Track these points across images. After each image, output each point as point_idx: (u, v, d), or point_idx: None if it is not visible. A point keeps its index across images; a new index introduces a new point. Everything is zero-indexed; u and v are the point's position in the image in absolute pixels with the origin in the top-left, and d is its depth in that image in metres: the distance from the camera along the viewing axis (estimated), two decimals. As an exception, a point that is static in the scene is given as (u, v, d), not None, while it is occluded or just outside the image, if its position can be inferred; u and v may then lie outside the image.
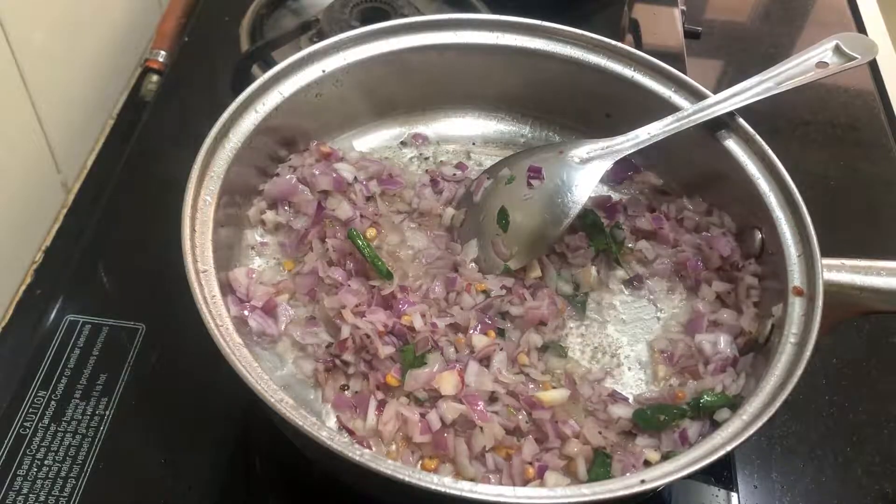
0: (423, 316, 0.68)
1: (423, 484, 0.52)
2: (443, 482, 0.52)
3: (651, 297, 0.76)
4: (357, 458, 0.52)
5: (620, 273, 0.76)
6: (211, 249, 0.64)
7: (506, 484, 0.61)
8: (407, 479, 0.52)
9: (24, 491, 0.67)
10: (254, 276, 0.70)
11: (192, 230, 0.64)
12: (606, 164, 0.73)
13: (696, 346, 0.70)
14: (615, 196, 0.81)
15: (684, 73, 0.79)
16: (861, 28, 1.22)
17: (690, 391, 0.68)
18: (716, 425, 0.64)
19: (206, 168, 0.68)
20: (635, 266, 0.77)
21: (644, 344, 0.73)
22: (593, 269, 0.74)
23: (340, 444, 0.53)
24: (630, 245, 0.77)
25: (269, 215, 0.74)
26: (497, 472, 0.62)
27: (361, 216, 0.74)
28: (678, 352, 0.71)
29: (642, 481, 0.54)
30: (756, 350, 0.68)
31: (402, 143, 0.85)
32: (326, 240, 0.72)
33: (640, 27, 1.10)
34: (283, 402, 0.55)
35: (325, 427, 0.55)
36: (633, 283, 0.76)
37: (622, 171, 0.82)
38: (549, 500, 0.53)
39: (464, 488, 0.52)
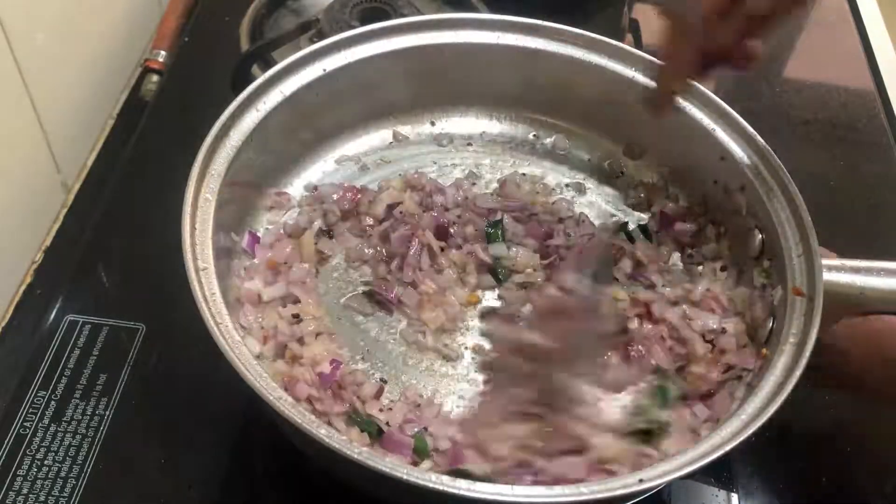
0: None
1: (420, 482, 0.52)
2: (441, 480, 0.52)
3: None
4: (355, 455, 0.52)
5: None
6: (211, 248, 0.64)
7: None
8: (405, 476, 0.52)
9: (24, 491, 0.67)
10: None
11: (193, 229, 0.64)
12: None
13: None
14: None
15: (684, 72, 0.79)
16: (861, 28, 1.21)
17: None
18: None
19: (206, 168, 0.67)
20: None
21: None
22: None
23: (339, 441, 0.53)
24: None
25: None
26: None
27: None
28: None
29: (640, 480, 0.54)
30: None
31: (400, 142, 0.85)
32: None
33: (640, 27, 1.10)
34: (283, 401, 0.55)
35: (324, 425, 0.55)
36: None
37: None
38: (548, 498, 0.53)
39: (461, 486, 0.52)
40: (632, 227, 0.80)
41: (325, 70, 0.76)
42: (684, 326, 0.71)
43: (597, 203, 0.84)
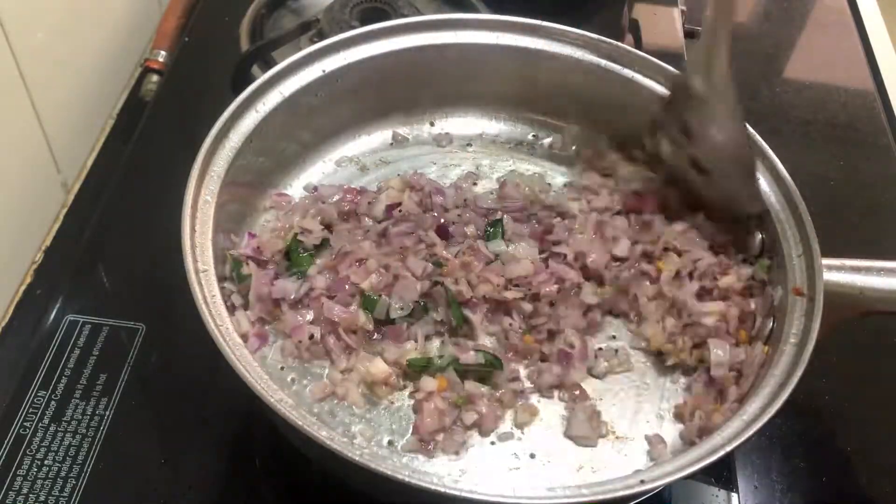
0: None
1: (422, 484, 0.52)
2: (442, 482, 0.53)
3: None
4: (357, 458, 0.52)
5: None
6: (211, 249, 0.64)
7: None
8: (406, 479, 0.52)
9: (24, 491, 0.67)
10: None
11: (192, 230, 0.64)
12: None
13: None
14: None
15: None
16: (861, 28, 1.22)
17: None
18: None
19: (206, 168, 0.68)
20: None
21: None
22: None
23: (340, 443, 0.53)
24: None
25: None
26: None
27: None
28: None
29: (642, 481, 0.54)
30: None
31: (400, 142, 0.85)
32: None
33: (640, 27, 1.10)
34: (283, 402, 0.55)
35: (324, 427, 0.55)
36: None
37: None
38: (549, 500, 0.53)
39: (463, 488, 0.52)
40: None
41: (324, 71, 0.76)
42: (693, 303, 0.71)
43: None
